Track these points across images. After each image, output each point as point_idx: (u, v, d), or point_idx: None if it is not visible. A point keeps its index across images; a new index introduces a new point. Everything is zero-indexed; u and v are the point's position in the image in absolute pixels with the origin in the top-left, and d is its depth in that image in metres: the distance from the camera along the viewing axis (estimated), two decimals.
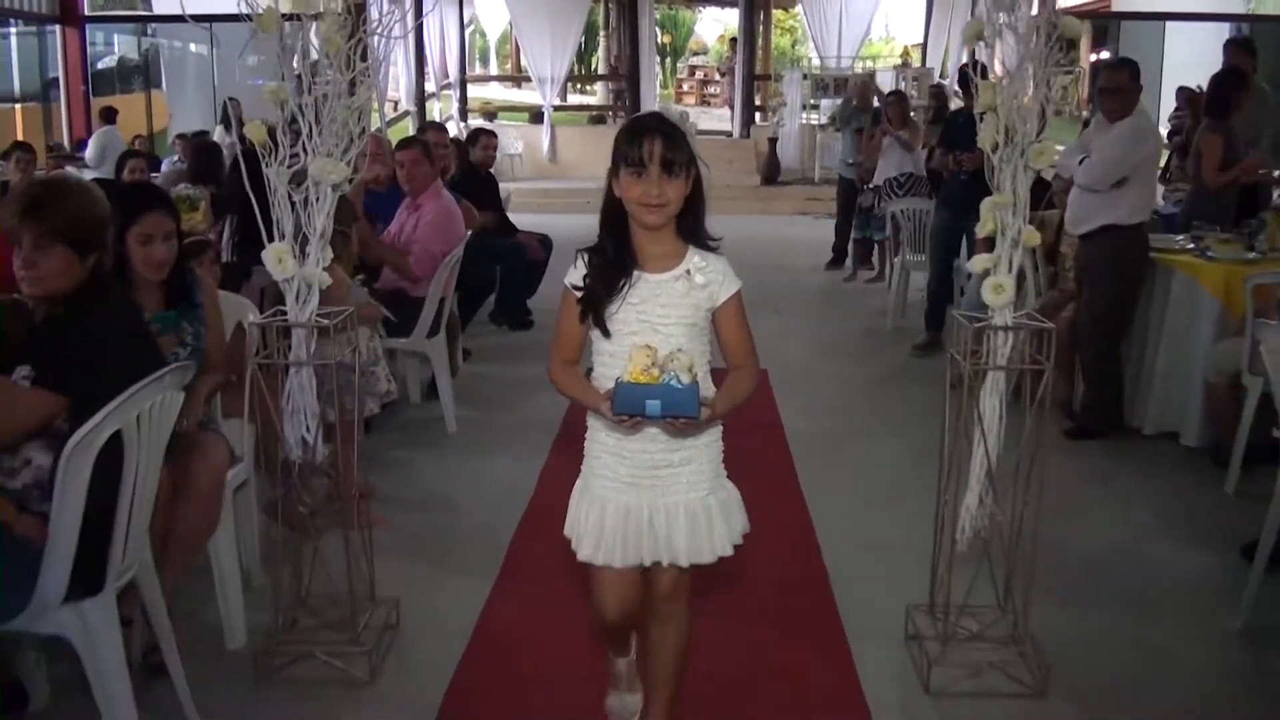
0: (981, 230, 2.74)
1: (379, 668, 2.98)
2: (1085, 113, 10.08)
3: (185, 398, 2.59)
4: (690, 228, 2.27)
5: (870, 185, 8.97)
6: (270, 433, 3.10)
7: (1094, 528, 4.10)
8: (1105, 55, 16.01)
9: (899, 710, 2.83)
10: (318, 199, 2.70)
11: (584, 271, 2.26)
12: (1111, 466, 4.76)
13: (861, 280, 9.28)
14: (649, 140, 2.15)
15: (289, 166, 2.69)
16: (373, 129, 12.40)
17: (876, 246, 9.27)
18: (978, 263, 2.76)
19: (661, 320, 2.22)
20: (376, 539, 3.24)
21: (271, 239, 2.76)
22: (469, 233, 5.33)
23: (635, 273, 2.24)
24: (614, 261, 2.24)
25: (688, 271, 2.24)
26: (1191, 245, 5.24)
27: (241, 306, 3.39)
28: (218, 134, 10.68)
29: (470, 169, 7.32)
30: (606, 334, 2.25)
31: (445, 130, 7.48)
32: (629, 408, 2.06)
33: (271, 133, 2.74)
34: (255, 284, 3.98)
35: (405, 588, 3.36)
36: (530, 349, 6.62)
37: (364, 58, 2.87)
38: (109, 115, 11.30)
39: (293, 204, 2.69)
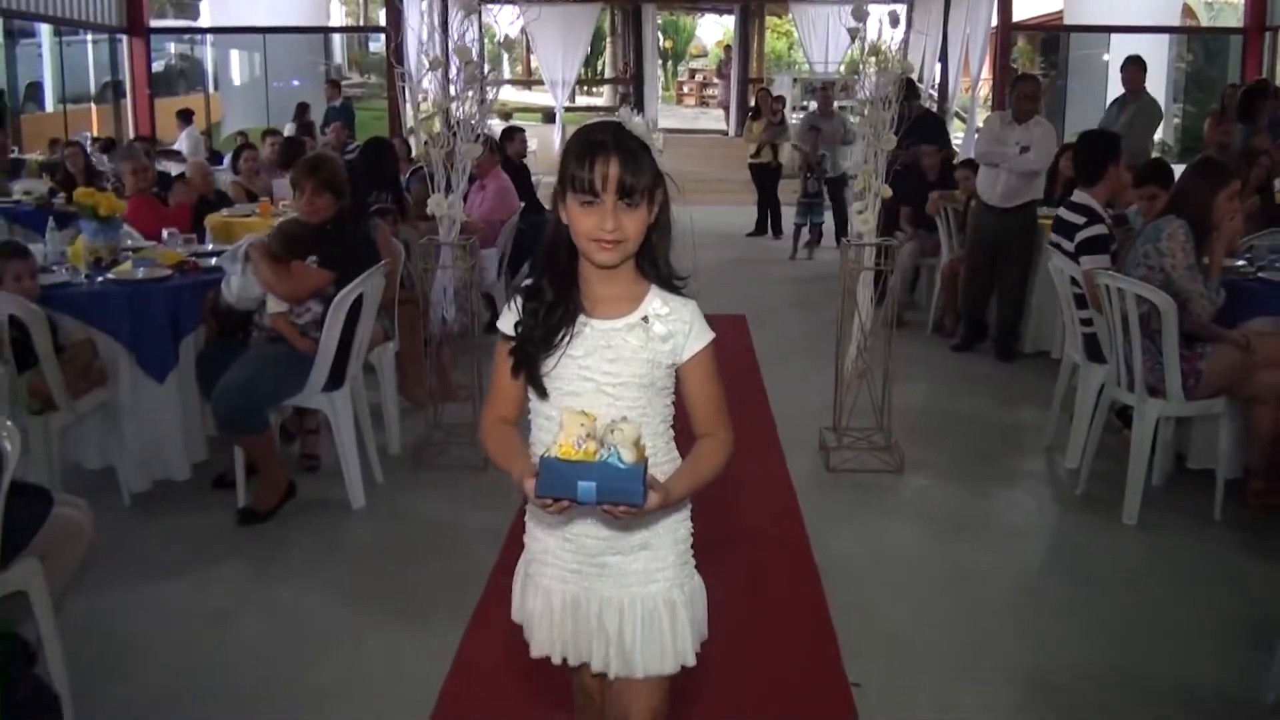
0: (858, 185, 4.54)
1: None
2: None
3: None
4: (652, 263, 1.89)
5: (814, 174, 10.86)
6: (410, 354, 4.95)
7: (961, 399, 5.94)
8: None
9: (811, 480, 4.64)
10: (462, 169, 4.51)
11: (517, 317, 1.89)
12: (995, 370, 6.58)
13: (803, 258, 11.04)
14: (603, 161, 1.76)
15: (442, 148, 4.50)
16: (406, 128, 14.31)
17: (817, 229, 11.09)
18: (855, 207, 4.57)
19: (609, 379, 1.85)
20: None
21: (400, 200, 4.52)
22: (522, 204, 7.13)
23: (581, 318, 1.86)
24: (553, 306, 1.86)
25: (644, 319, 1.86)
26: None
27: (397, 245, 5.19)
28: (289, 129, 12.43)
29: (506, 160, 9.11)
30: (542, 394, 1.89)
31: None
32: (555, 490, 1.68)
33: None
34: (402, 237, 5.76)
35: None
36: None
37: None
38: (187, 116, 13.07)
39: (446, 172, 4.50)
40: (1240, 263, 4.89)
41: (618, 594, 1.93)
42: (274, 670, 3.17)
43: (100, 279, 4.47)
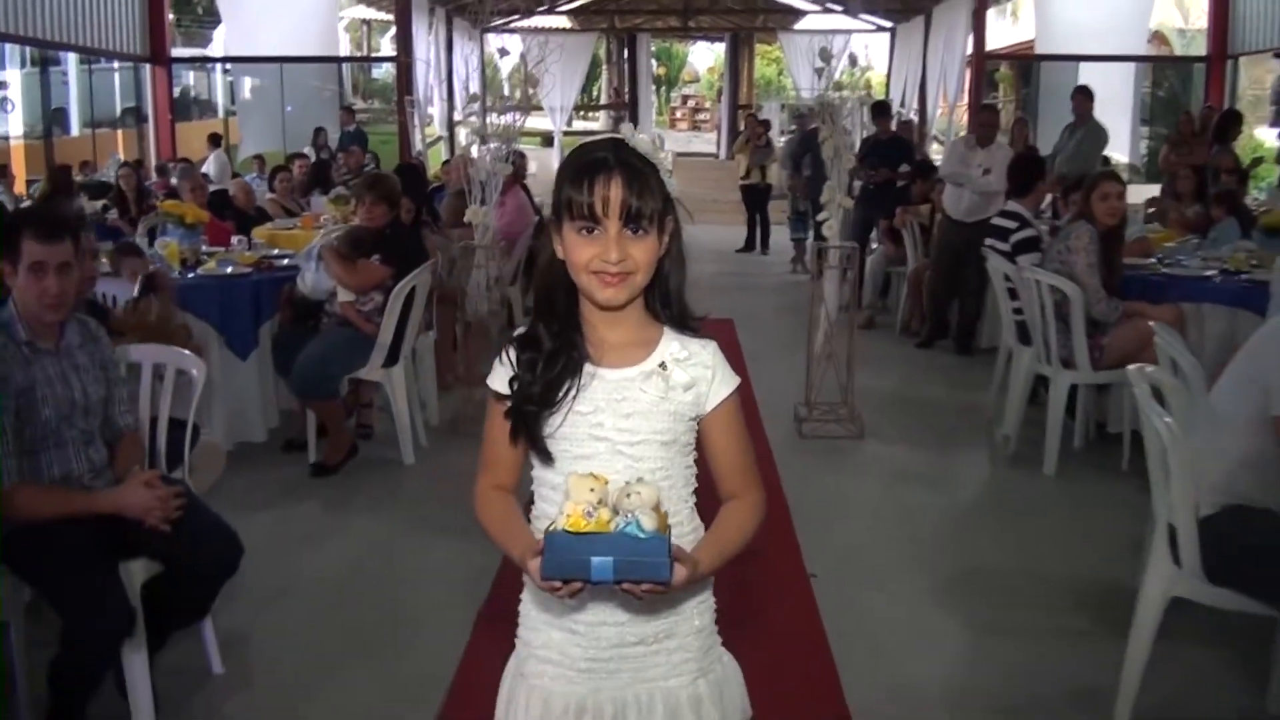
0: (824, 198, 5.44)
1: None
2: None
3: None
4: (665, 302, 1.67)
5: (800, 193, 11.81)
6: (444, 343, 5.82)
7: (921, 385, 6.84)
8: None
9: (785, 444, 5.52)
10: (494, 185, 5.42)
11: (510, 371, 1.65)
12: (953, 362, 7.47)
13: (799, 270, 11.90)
14: (604, 181, 1.54)
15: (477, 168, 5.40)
16: (415, 151, 15.21)
17: (800, 244, 12.02)
18: (821, 216, 5.46)
19: (625, 438, 1.62)
20: None
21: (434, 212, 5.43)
22: (538, 217, 8.05)
23: (587, 368, 1.63)
24: (553, 355, 1.62)
25: (662, 365, 1.64)
26: None
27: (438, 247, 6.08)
28: (307, 153, 13.30)
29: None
30: (547, 459, 1.65)
31: None
32: (565, 570, 1.43)
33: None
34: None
35: None
36: None
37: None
38: (216, 140, 13.98)
39: (482, 187, 5.40)
40: (1152, 260, 5.80)
41: (634, 691, 1.67)
42: (357, 572, 4.06)
43: (190, 274, 5.35)
